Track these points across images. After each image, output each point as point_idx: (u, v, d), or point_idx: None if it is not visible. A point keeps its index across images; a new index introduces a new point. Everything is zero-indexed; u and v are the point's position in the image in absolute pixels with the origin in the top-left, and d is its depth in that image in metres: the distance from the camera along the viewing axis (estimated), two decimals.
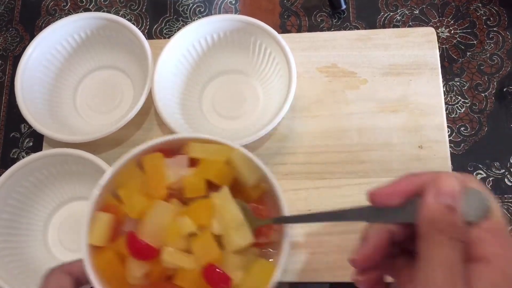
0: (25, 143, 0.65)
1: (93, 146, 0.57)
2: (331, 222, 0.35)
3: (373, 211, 0.32)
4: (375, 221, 0.32)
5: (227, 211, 0.39)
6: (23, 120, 0.57)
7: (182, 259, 0.38)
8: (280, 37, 0.57)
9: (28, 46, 0.59)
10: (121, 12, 0.69)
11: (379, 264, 0.33)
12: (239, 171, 0.41)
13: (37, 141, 0.65)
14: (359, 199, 0.57)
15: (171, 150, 0.42)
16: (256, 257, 0.40)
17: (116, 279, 0.38)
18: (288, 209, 0.42)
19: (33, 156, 0.55)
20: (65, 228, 0.58)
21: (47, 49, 0.60)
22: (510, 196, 0.58)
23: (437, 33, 0.64)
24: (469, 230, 0.29)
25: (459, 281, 0.28)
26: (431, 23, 0.65)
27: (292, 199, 0.58)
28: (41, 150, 0.62)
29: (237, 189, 0.41)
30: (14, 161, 0.64)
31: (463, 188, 0.29)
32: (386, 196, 0.31)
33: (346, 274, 0.55)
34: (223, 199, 0.39)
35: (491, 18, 0.65)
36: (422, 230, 0.29)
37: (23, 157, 0.63)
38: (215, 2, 0.69)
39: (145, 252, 0.38)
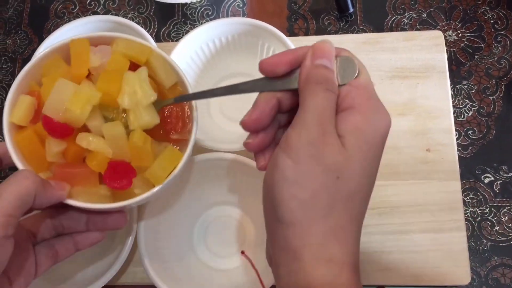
0: None
1: None
2: (229, 95, 0.39)
3: (264, 82, 0.37)
4: (266, 90, 0.36)
5: (141, 87, 0.40)
6: None
7: (95, 142, 0.39)
8: (288, 39, 0.57)
9: (37, 49, 0.59)
10: (129, 15, 0.69)
11: (267, 128, 0.37)
12: (157, 73, 0.43)
13: None
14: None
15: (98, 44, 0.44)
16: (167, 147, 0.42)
17: (35, 157, 0.40)
18: None
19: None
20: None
21: None
22: None
23: (445, 37, 0.64)
24: (341, 87, 0.34)
25: (327, 123, 0.33)
26: (438, 27, 0.65)
27: None
28: None
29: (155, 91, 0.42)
30: None
31: (337, 56, 0.35)
32: (273, 65, 0.35)
33: None
34: (140, 76, 0.40)
35: (498, 22, 0.65)
36: (301, 86, 0.34)
37: None
38: (222, 5, 0.69)
39: (58, 130, 0.39)
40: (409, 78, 0.62)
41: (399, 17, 0.66)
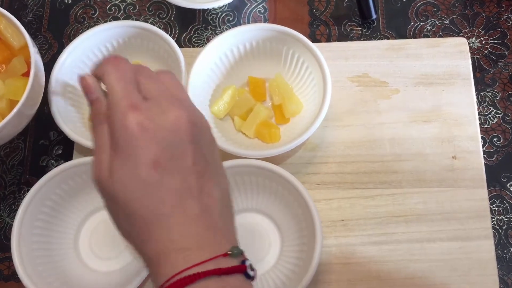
0: (54, 150, 0.64)
1: None
2: None
3: None
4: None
5: None
6: (52, 127, 0.58)
7: None
8: (314, 46, 0.57)
9: (61, 54, 0.59)
10: (150, 20, 0.69)
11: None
12: (4, 35, 0.56)
13: (67, 148, 0.64)
14: (393, 209, 0.57)
15: None
16: None
17: None
18: (320, 219, 0.50)
19: (67, 164, 0.55)
20: (96, 235, 0.58)
21: (80, 57, 0.61)
22: None
23: (468, 43, 0.63)
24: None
25: (104, 147, 0.37)
26: (461, 33, 0.65)
27: (324, 208, 0.57)
28: (70, 157, 0.62)
29: None
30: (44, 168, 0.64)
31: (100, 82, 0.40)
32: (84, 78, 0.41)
33: (381, 285, 0.55)
34: None
35: None
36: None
37: (52, 164, 0.63)
38: (243, 11, 0.69)
39: None
40: (434, 85, 0.61)
41: (421, 23, 0.66)
